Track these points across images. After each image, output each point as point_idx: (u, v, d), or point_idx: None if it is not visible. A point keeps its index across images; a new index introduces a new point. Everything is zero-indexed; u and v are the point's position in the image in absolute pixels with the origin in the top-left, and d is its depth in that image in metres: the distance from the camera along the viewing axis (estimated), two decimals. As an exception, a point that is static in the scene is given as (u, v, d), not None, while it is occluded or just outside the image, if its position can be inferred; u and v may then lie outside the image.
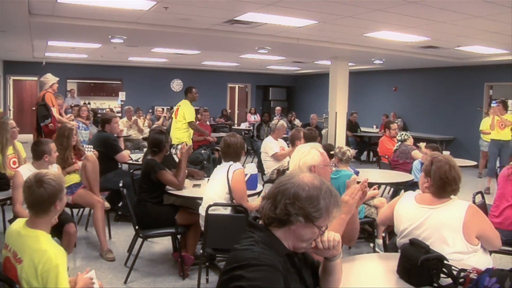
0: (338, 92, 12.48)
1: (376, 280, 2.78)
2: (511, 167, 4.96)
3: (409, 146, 7.82)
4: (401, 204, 3.25)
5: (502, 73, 13.37)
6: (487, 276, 1.94)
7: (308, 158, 3.00)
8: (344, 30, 9.10)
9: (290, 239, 2.00)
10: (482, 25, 8.08)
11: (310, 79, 21.26)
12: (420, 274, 2.53)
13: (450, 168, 3.09)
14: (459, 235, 2.92)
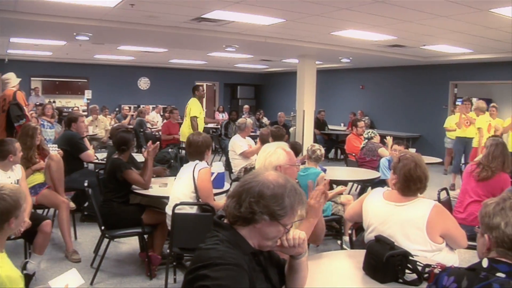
0: (306, 90, 12.52)
1: (342, 277, 2.79)
2: (475, 163, 5.06)
3: (376, 143, 7.90)
4: (369, 200, 3.27)
5: (467, 72, 13.66)
6: (445, 275, 1.95)
7: (273, 158, 2.98)
8: (311, 29, 9.13)
9: (255, 238, 1.99)
10: (447, 24, 8.20)
11: (278, 78, 21.30)
12: (386, 270, 2.56)
13: (416, 166, 3.10)
14: (422, 233, 2.94)
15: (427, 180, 3.13)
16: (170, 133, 10.99)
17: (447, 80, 14.38)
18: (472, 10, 6.98)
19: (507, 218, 1.88)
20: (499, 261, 1.86)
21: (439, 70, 14.28)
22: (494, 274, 1.83)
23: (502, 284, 1.78)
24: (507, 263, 1.85)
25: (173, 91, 19.72)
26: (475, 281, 1.85)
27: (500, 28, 8.32)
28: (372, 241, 2.81)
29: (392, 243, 2.70)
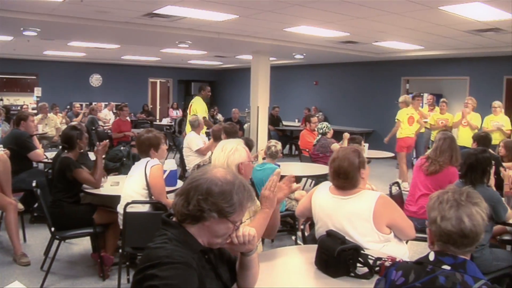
0: (260, 87, 12.54)
1: (295, 273, 2.80)
2: (425, 157, 5.17)
3: (329, 139, 7.95)
4: (317, 195, 3.29)
5: (418, 68, 13.99)
6: (394, 270, 1.98)
7: (236, 155, 2.98)
8: (265, 25, 9.14)
9: (205, 235, 1.97)
10: (398, 21, 8.34)
11: (232, 74, 21.28)
12: (337, 265, 2.59)
13: (344, 158, 3.12)
14: (370, 224, 2.97)
15: (357, 172, 3.11)
16: (121, 131, 10.80)
17: (399, 76, 14.68)
18: (422, 8, 7.11)
19: (443, 212, 1.91)
20: (445, 254, 1.89)
21: (391, 66, 14.56)
22: (440, 267, 1.86)
23: (448, 276, 1.82)
24: (453, 255, 1.88)
25: (126, 88, 19.45)
26: (422, 274, 1.88)
27: (449, 25, 8.53)
28: (324, 236, 2.83)
29: (343, 237, 2.73)
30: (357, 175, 3.12)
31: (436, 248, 1.95)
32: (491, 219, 3.83)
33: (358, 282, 2.56)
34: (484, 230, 1.89)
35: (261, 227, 2.74)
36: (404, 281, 1.91)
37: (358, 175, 3.13)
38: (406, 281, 1.91)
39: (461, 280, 1.79)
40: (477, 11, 7.28)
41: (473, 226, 1.86)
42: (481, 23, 8.19)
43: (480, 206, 1.91)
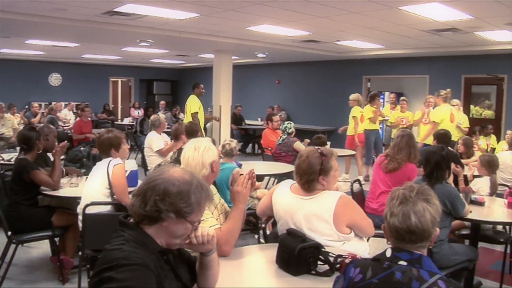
0: (222, 86, 12.53)
1: (256, 272, 2.80)
2: (384, 155, 5.23)
3: (291, 138, 7.97)
4: (278, 193, 3.27)
5: (379, 67, 14.19)
6: (352, 267, 2.00)
7: (210, 154, 2.95)
8: (226, 24, 9.12)
9: (163, 236, 1.95)
10: (359, 21, 8.43)
11: (194, 73, 21.16)
12: (298, 263, 2.60)
13: (305, 159, 3.10)
14: (329, 225, 2.97)
15: (318, 171, 3.06)
16: (82, 132, 10.56)
17: (360, 74, 14.87)
18: (382, 7, 7.21)
19: (392, 208, 1.93)
20: (401, 250, 1.91)
21: (353, 65, 14.74)
22: (396, 263, 1.88)
23: (404, 272, 1.84)
24: (409, 251, 1.90)
25: (86, 88, 19.12)
26: (379, 270, 1.89)
27: (409, 25, 8.67)
28: (284, 234, 2.84)
29: (303, 235, 2.74)
30: (314, 180, 3.06)
31: (391, 244, 1.97)
32: (450, 215, 3.91)
33: (319, 279, 2.56)
34: (432, 226, 1.90)
35: (239, 223, 2.79)
36: (361, 278, 1.93)
37: (316, 180, 3.06)
38: (364, 278, 1.92)
39: (417, 275, 1.81)
40: (436, 12, 7.42)
41: (419, 222, 1.87)
42: (439, 23, 8.35)
43: (429, 203, 1.93)
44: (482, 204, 4.57)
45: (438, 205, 1.96)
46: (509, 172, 6.40)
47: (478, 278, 4.96)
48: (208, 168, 2.90)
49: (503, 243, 5.00)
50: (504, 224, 5.20)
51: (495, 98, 12.47)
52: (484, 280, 5.04)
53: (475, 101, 12.95)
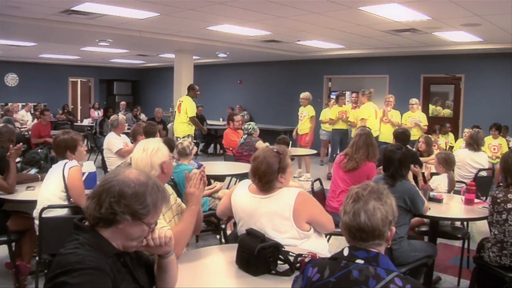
0: (183, 86, 12.39)
1: (215, 272, 2.79)
2: (343, 154, 5.27)
3: (254, 138, 7.95)
4: (236, 194, 3.26)
5: (340, 67, 14.34)
6: (310, 267, 2.00)
7: (159, 155, 2.89)
8: (187, 23, 9.06)
9: (119, 239, 1.91)
10: (319, 21, 8.48)
11: (155, 73, 20.98)
12: (258, 263, 2.59)
13: (262, 160, 3.07)
14: (290, 222, 2.97)
15: (277, 172, 3.05)
16: (41, 136, 10.32)
17: (321, 74, 14.98)
18: (342, 8, 7.27)
19: (346, 206, 1.95)
20: (358, 248, 1.92)
21: (314, 64, 14.84)
22: (354, 261, 1.89)
23: (361, 270, 1.84)
24: (366, 249, 1.90)
25: (45, 88, 18.71)
26: (336, 269, 1.90)
27: (369, 25, 8.77)
28: (244, 234, 2.82)
29: (262, 235, 2.73)
30: (273, 179, 3.05)
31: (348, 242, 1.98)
32: (409, 212, 3.96)
33: (279, 279, 2.56)
34: (383, 225, 1.91)
35: (190, 225, 2.73)
36: (319, 277, 1.93)
37: (276, 179, 3.05)
38: (322, 277, 1.92)
39: (374, 273, 1.82)
40: (395, 12, 7.53)
41: (369, 221, 1.88)
42: (398, 23, 8.47)
43: (381, 202, 1.93)
44: (440, 201, 4.65)
45: (392, 204, 1.97)
46: (466, 169, 6.54)
47: (437, 273, 5.06)
48: (157, 169, 2.85)
49: (460, 238, 5.10)
50: (462, 220, 5.34)
51: (453, 97, 12.75)
52: (443, 275, 5.13)
53: (433, 100, 13.21)
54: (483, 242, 4.01)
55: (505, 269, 3.78)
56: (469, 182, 4.94)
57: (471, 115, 11.94)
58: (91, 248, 1.80)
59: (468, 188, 4.65)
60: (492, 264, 3.84)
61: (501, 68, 11.64)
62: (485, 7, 7.04)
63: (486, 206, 4.20)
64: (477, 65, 11.95)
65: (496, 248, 3.79)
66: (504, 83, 11.59)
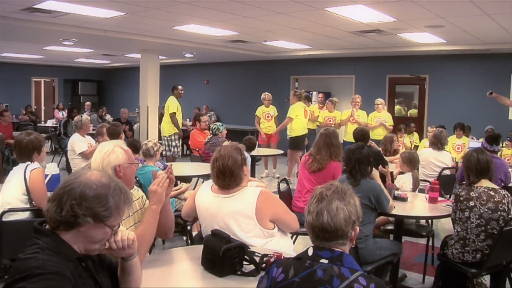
0: (149, 86, 12.35)
1: (180, 274, 2.76)
2: (308, 154, 5.28)
3: (220, 138, 7.92)
4: (200, 194, 3.25)
5: (306, 67, 14.41)
6: (275, 267, 2.00)
7: (112, 157, 2.79)
8: (153, 23, 8.97)
9: (81, 242, 1.86)
10: (286, 21, 8.50)
11: (121, 73, 20.74)
12: (223, 264, 2.58)
13: (227, 157, 3.09)
14: (253, 221, 2.98)
15: (239, 171, 3.09)
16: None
17: (288, 74, 15.05)
18: (308, 8, 7.29)
19: (310, 206, 1.97)
20: (322, 248, 1.93)
21: (281, 65, 14.89)
22: (318, 261, 1.89)
23: (325, 270, 1.85)
24: (330, 249, 1.91)
25: (6, 88, 18.26)
26: (300, 269, 1.90)
27: (335, 26, 8.83)
28: (209, 235, 2.81)
29: (228, 236, 2.72)
30: (241, 173, 3.10)
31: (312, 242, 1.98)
32: (374, 210, 3.99)
33: (245, 280, 2.55)
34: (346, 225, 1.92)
35: (151, 226, 2.67)
36: (284, 277, 1.93)
37: (242, 172, 3.11)
38: (286, 277, 1.92)
39: (338, 272, 1.83)
40: (360, 13, 7.60)
41: (331, 221, 1.90)
42: (364, 24, 8.55)
43: (345, 201, 1.95)
44: (405, 199, 4.70)
45: (356, 204, 1.98)
46: (431, 168, 6.64)
47: (403, 271, 5.12)
48: (110, 172, 2.73)
49: (425, 236, 5.17)
50: (426, 218, 5.44)
51: (418, 97, 12.96)
52: (408, 272, 5.20)
53: (399, 101, 13.41)
54: (447, 239, 4.08)
55: (467, 265, 3.85)
56: (433, 180, 5.01)
57: (435, 115, 12.15)
58: (52, 253, 1.76)
59: (432, 187, 4.72)
60: (455, 260, 3.91)
61: (464, 69, 11.89)
62: (448, 9, 7.16)
63: (449, 204, 4.26)
64: (441, 66, 12.17)
65: (459, 245, 3.86)
66: (467, 84, 11.85)
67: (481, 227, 3.72)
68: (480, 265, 3.79)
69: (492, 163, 3.96)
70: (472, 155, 3.95)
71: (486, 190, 3.77)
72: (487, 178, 3.88)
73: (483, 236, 3.73)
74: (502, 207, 3.72)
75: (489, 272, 4.06)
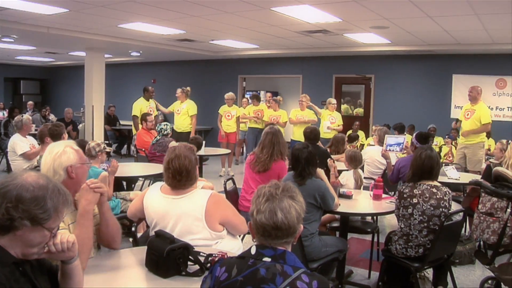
0: (95, 85, 12.10)
1: (125, 276, 2.69)
2: (253, 153, 5.28)
3: (167, 138, 7.83)
4: (148, 195, 3.20)
5: (254, 66, 14.48)
6: (218, 266, 1.99)
7: (63, 158, 2.70)
8: (97, 20, 8.81)
9: (18, 246, 1.79)
10: (233, 21, 8.51)
11: (66, 71, 20.23)
12: (167, 265, 2.54)
13: (182, 157, 3.06)
14: (202, 223, 2.96)
15: (195, 170, 3.09)
16: None
17: (236, 74, 15.09)
18: (254, 8, 7.31)
19: (259, 206, 1.95)
20: (265, 246, 1.93)
21: (228, 64, 14.90)
22: (261, 260, 1.89)
23: (268, 268, 1.85)
24: (272, 247, 1.92)
25: None
26: (243, 268, 1.89)
27: (281, 25, 8.88)
28: (153, 236, 2.77)
29: (172, 236, 2.68)
30: (196, 172, 3.10)
31: (256, 241, 1.98)
32: (320, 208, 4.03)
33: (189, 280, 2.52)
34: (298, 223, 1.94)
35: (86, 228, 2.58)
36: (227, 276, 1.92)
37: (196, 172, 3.10)
38: (229, 276, 1.91)
39: (281, 270, 1.83)
40: (306, 14, 7.68)
41: (286, 218, 1.90)
42: (310, 24, 8.64)
43: (294, 200, 1.96)
44: (350, 197, 4.77)
45: (303, 202, 2.00)
46: (375, 165, 6.77)
47: (349, 267, 5.20)
48: (62, 173, 2.67)
49: (370, 232, 5.25)
50: (370, 215, 5.55)
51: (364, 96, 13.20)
52: (354, 268, 5.28)
53: (345, 100, 13.63)
54: (390, 235, 4.15)
55: (411, 259, 3.93)
56: (377, 178, 5.10)
57: (380, 113, 12.42)
58: None
59: (376, 184, 4.80)
60: (399, 256, 3.99)
61: (409, 69, 12.22)
62: (392, 11, 7.33)
63: (393, 201, 4.34)
64: (386, 66, 12.46)
65: (403, 240, 3.93)
66: (411, 83, 12.18)
67: (424, 223, 3.81)
68: (423, 259, 3.89)
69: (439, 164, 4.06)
70: (423, 153, 3.99)
71: (429, 187, 3.86)
72: (431, 179, 3.97)
73: (426, 231, 3.82)
74: (444, 204, 3.82)
75: (431, 266, 4.18)
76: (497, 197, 4.01)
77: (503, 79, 11.05)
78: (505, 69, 10.92)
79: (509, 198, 3.92)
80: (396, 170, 5.57)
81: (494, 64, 11.07)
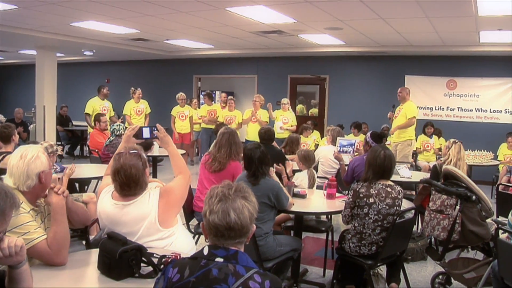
0: (46, 85, 11.81)
1: (76, 279, 2.64)
2: (208, 154, 5.26)
3: (120, 139, 7.71)
4: (100, 201, 3.12)
5: (209, 66, 14.45)
6: (170, 267, 1.98)
7: (37, 163, 2.67)
8: (48, 18, 8.60)
9: None
10: (187, 20, 8.47)
11: (16, 70, 19.66)
12: (120, 267, 2.51)
13: (129, 166, 2.93)
14: (155, 226, 2.94)
15: (144, 176, 3.00)
16: None
17: (191, 74, 15.03)
18: (209, 8, 7.30)
19: (212, 206, 1.94)
20: (217, 247, 1.93)
21: (183, 64, 14.83)
22: (213, 260, 1.89)
23: (220, 268, 1.86)
24: (225, 248, 1.92)
25: None
26: (196, 269, 1.89)
27: (236, 26, 8.90)
28: (105, 238, 2.72)
29: (124, 238, 2.64)
30: (145, 178, 3.00)
31: (209, 241, 1.98)
32: (274, 208, 4.05)
33: (143, 282, 2.50)
34: (250, 223, 1.95)
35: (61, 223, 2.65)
36: (179, 277, 1.91)
37: (146, 176, 3.01)
38: (182, 277, 1.91)
39: (233, 270, 1.84)
40: (261, 14, 7.71)
41: (239, 219, 1.91)
42: (265, 25, 8.67)
43: (247, 200, 1.97)
44: (304, 196, 4.81)
45: (255, 202, 2.01)
46: (329, 165, 6.84)
47: (304, 265, 5.26)
48: (34, 178, 2.64)
49: (325, 231, 5.31)
50: (323, 214, 5.60)
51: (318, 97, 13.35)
52: (309, 267, 5.34)
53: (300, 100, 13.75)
54: (344, 234, 4.21)
55: (364, 257, 4.01)
56: (331, 177, 5.16)
57: (335, 114, 12.58)
58: None
59: (330, 183, 4.86)
60: (353, 253, 4.05)
61: (362, 70, 12.42)
62: (346, 12, 7.43)
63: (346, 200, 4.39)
64: (340, 67, 12.63)
65: (356, 239, 4.00)
66: (365, 84, 12.39)
67: (378, 222, 3.88)
68: (376, 256, 3.96)
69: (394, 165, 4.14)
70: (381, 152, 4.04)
71: (384, 186, 3.93)
72: (388, 178, 4.04)
73: (379, 230, 3.90)
74: (398, 202, 3.91)
75: (384, 263, 4.26)
76: (447, 195, 4.12)
77: (454, 80, 11.35)
78: (455, 70, 11.26)
79: (458, 195, 4.03)
80: (350, 170, 5.65)
81: (445, 66, 11.38)
